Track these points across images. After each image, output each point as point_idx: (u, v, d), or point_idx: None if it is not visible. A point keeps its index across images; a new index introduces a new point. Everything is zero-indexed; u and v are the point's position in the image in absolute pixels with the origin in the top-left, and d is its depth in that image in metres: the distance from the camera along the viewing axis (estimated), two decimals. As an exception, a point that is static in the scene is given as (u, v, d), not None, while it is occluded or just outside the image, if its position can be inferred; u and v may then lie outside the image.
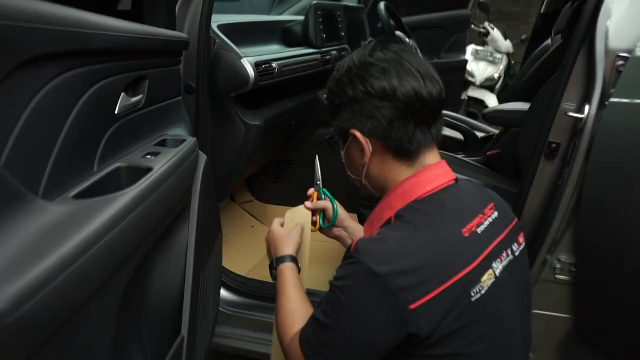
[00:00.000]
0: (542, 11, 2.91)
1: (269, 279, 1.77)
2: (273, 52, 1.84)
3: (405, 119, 0.89)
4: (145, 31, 1.05)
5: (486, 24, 5.20)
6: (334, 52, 2.21)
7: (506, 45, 5.29)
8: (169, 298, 1.08)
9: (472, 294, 0.81)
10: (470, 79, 5.08)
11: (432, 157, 0.94)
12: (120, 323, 0.84)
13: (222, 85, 1.54)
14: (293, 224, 1.19)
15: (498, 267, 0.88)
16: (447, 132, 2.62)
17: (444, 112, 1.31)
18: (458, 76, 3.55)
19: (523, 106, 2.06)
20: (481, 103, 5.00)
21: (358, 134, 0.92)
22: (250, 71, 1.54)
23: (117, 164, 0.94)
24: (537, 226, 1.43)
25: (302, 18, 2.13)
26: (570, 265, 1.38)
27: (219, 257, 1.45)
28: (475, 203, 0.93)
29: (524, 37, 5.51)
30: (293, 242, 1.12)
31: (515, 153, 1.92)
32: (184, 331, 1.08)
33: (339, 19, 2.34)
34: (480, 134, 2.71)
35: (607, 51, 1.24)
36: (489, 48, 5.27)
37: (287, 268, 1.07)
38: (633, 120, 1.21)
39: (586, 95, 1.29)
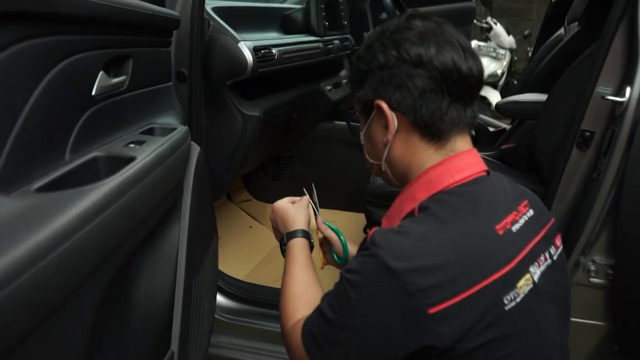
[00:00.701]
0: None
1: (269, 283, 1.70)
2: (272, 38, 1.76)
3: (440, 90, 0.79)
4: (128, 2, 0.94)
5: (489, 19, 5.19)
6: (336, 42, 2.15)
7: (509, 40, 5.29)
8: (157, 307, 0.99)
9: (506, 302, 0.72)
10: (472, 75, 5.02)
11: (463, 143, 0.84)
12: (96, 340, 0.73)
13: (217, 72, 1.45)
14: None
15: (536, 271, 0.78)
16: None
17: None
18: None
19: (539, 97, 1.98)
20: (484, 99, 4.98)
21: (384, 105, 0.82)
22: (248, 56, 1.45)
23: (94, 153, 0.84)
24: (568, 224, 1.33)
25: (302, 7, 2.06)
26: (607, 267, 1.29)
27: (214, 260, 1.36)
28: (508, 198, 0.83)
29: (526, 32, 5.50)
30: (303, 215, 1.07)
31: (532, 146, 1.82)
32: (174, 346, 0.98)
33: (341, 7, 2.29)
34: (490, 128, 2.62)
35: None
36: (492, 44, 5.27)
37: (297, 244, 1.02)
38: None
39: (626, 77, 1.20)
